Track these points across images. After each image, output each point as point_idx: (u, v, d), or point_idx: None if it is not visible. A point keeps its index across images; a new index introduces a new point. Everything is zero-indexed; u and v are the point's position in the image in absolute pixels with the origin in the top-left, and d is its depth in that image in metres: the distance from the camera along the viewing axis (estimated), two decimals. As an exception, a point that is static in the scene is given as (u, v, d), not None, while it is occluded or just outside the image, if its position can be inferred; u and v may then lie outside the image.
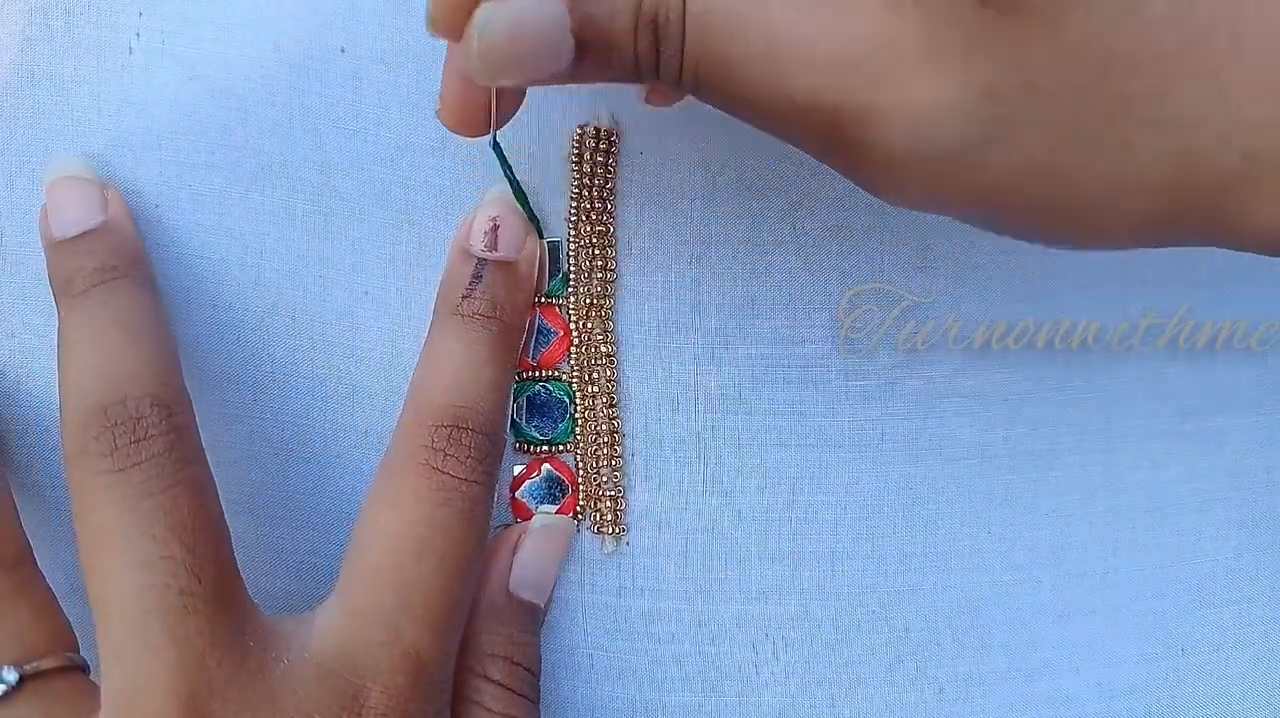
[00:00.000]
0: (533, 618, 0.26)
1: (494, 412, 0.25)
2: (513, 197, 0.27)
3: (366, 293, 0.27)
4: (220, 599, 0.22)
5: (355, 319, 0.27)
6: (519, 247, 0.26)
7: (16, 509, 0.25)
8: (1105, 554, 0.29)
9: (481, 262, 0.26)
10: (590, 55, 0.19)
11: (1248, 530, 0.29)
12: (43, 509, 0.27)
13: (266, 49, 0.27)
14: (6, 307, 0.27)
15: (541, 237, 0.27)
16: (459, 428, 0.24)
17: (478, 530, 0.24)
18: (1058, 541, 0.28)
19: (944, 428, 0.28)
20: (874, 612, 0.28)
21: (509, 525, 0.28)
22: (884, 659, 0.28)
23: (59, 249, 0.26)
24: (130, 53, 0.27)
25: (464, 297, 0.26)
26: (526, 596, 0.26)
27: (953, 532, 0.28)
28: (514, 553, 0.27)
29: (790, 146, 0.20)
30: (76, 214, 0.26)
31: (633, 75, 0.20)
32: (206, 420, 0.25)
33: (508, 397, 0.26)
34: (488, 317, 0.26)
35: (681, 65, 0.19)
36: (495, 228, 0.26)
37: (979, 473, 0.28)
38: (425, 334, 0.27)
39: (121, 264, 0.25)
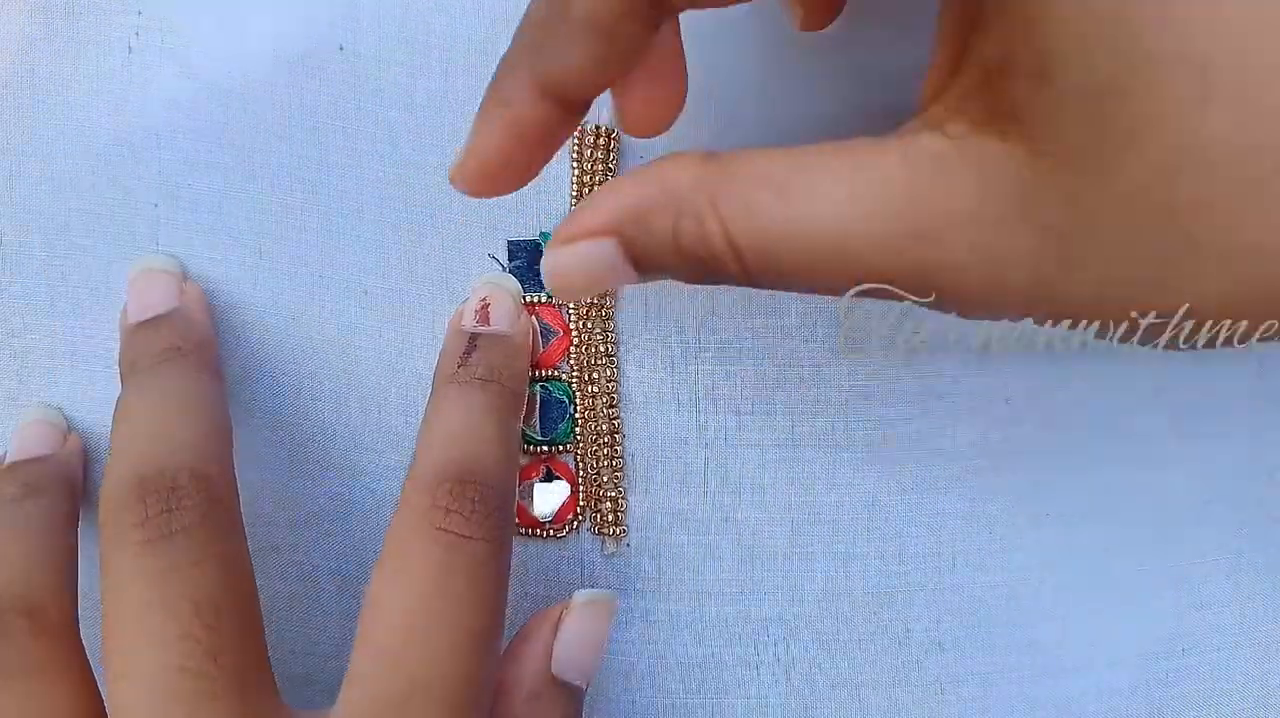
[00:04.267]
0: (576, 703, 0.25)
1: (500, 467, 0.24)
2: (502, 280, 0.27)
3: (366, 292, 0.27)
4: (241, 685, 0.21)
5: (355, 319, 0.27)
6: (511, 321, 0.26)
7: (76, 568, 0.24)
8: (1105, 555, 0.29)
9: (475, 335, 0.26)
10: (650, 270, 0.21)
11: (1248, 530, 0.29)
12: None
13: (266, 48, 0.27)
14: (7, 306, 0.27)
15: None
16: (463, 482, 0.23)
17: (492, 596, 0.23)
18: (1058, 541, 0.28)
19: (945, 428, 0.28)
20: (875, 612, 0.28)
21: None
22: (885, 659, 0.28)
23: (131, 333, 0.26)
24: (130, 52, 0.27)
25: (459, 365, 0.25)
26: (569, 678, 0.25)
27: (953, 532, 0.28)
28: (555, 632, 0.25)
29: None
30: (152, 300, 0.26)
31: (698, 280, 0.21)
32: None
33: (514, 457, 0.25)
34: (485, 379, 0.25)
35: (743, 273, 0.20)
36: (486, 306, 0.26)
37: (980, 473, 0.28)
38: (425, 334, 0.27)
39: (186, 345, 0.25)
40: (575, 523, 0.28)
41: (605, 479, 0.27)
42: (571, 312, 0.28)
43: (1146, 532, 0.29)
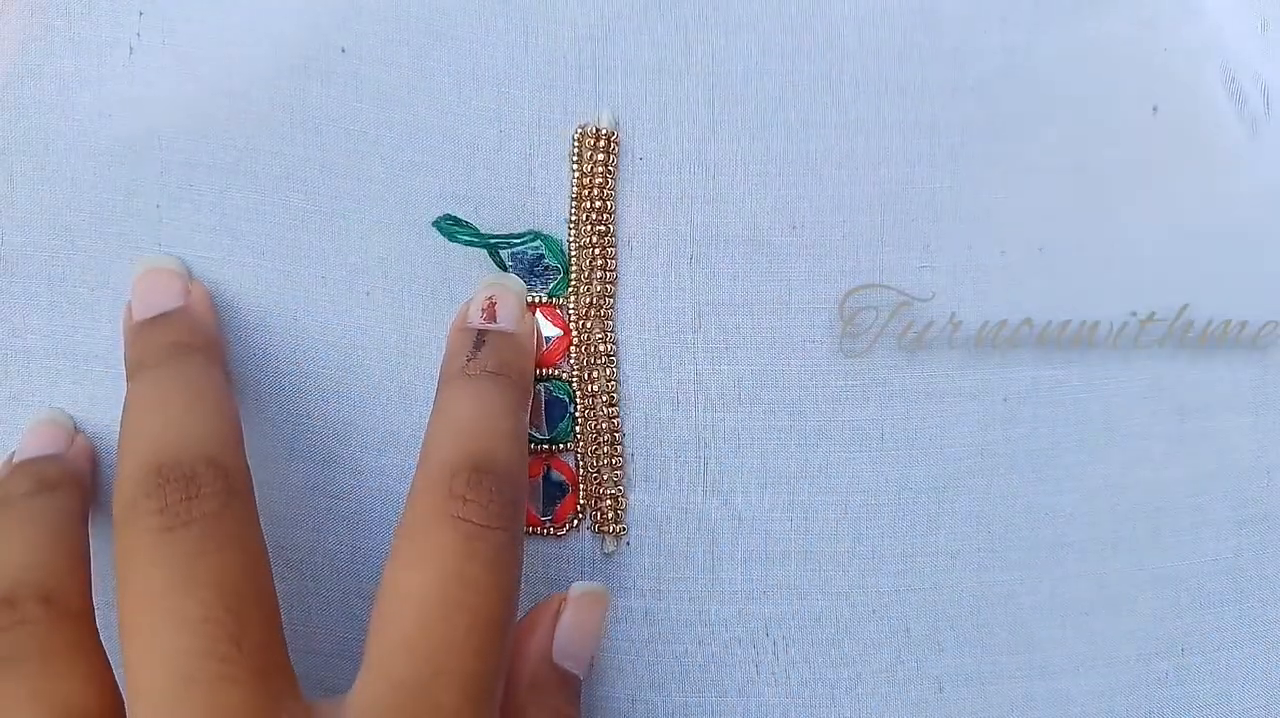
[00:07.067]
0: (575, 690, 0.26)
1: (513, 460, 0.24)
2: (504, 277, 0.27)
3: (367, 293, 0.27)
4: (262, 671, 0.21)
5: (356, 319, 0.27)
6: (517, 320, 0.26)
7: (90, 562, 0.24)
8: (1105, 554, 0.29)
9: (481, 332, 0.26)
10: None
11: (1248, 530, 0.29)
12: None
13: (267, 49, 0.27)
14: (7, 306, 0.27)
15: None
16: (478, 472, 0.23)
17: (507, 584, 0.23)
18: (1057, 540, 0.28)
19: (943, 427, 0.28)
20: (874, 611, 0.28)
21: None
22: (884, 658, 0.28)
23: (137, 330, 0.26)
24: (131, 52, 0.27)
25: (467, 360, 0.25)
26: (568, 666, 0.25)
27: (952, 531, 0.28)
28: (555, 623, 0.26)
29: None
30: (157, 299, 0.26)
31: None
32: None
33: (525, 451, 0.25)
34: (495, 373, 0.25)
35: None
36: (493, 304, 0.26)
37: (978, 472, 0.28)
38: (426, 335, 0.27)
39: (194, 342, 0.25)
40: (575, 522, 0.28)
41: (605, 478, 0.27)
42: (572, 311, 0.28)
43: (1145, 531, 0.29)
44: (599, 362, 0.28)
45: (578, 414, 0.28)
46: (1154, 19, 0.28)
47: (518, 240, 0.27)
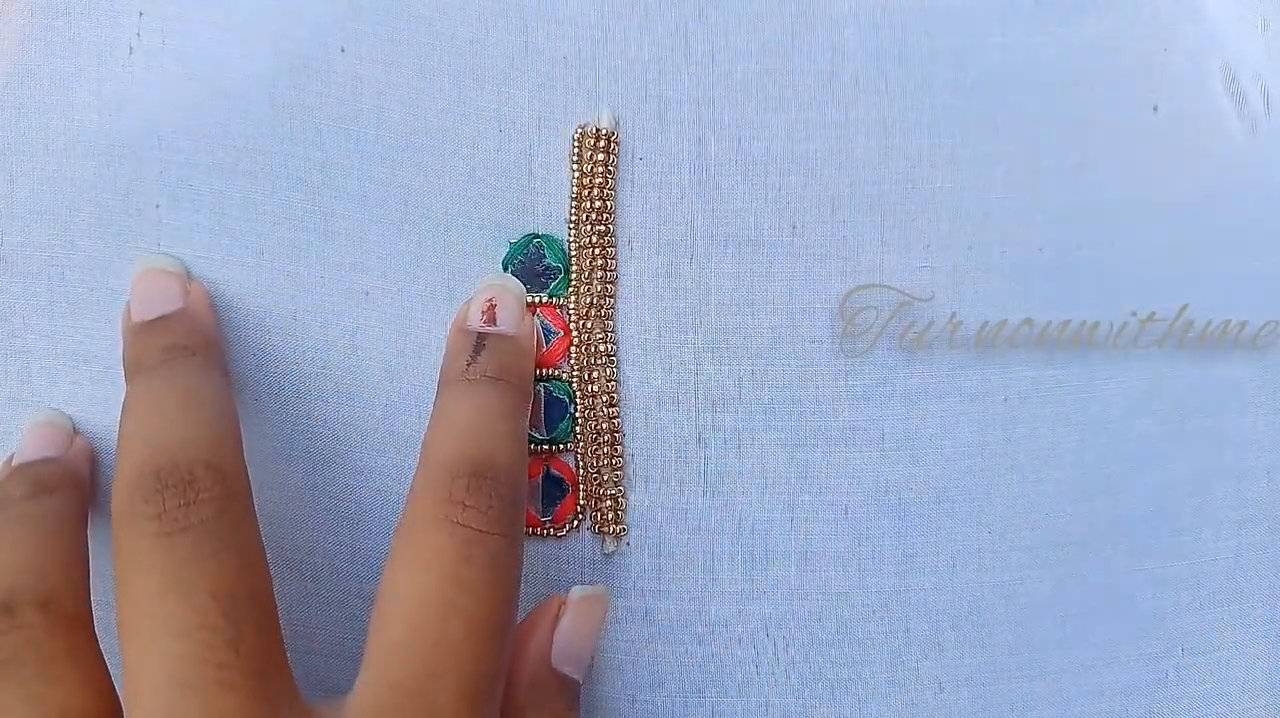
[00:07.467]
0: (575, 694, 0.26)
1: (512, 464, 0.24)
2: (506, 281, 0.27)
3: (367, 293, 0.27)
4: (260, 675, 0.21)
5: (355, 319, 0.27)
6: (517, 322, 0.27)
7: (89, 565, 0.24)
8: (1105, 554, 0.29)
9: (481, 335, 0.26)
10: None
11: (1248, 530, 0.29)
12: None
13: (266, 49, 0.27)
14: (7, 306, 0.27)
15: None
16: (477, 476, 0.23)
17: (505, 588, 0.23)
18: (1057, 540, 0.28)
19: (944, 427, 0.28)
20: (874, 611, 0.28)
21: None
22: (884, 658, 0.28)
23: (136, 332, 0.26)
24: (130, 52, 0.27)
25: (468, 364, 0.25)
26: (567, 670, 0.25)
27: (953, 531, 0.28)
28: (555, 625, 0.26)
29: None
30: (156, 300, 0.26)
31: None
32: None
33: (524, 454, 0.25)
34: (495, 378, 0.25)
35: None
36: (493, 307, 0.26)
37: (979, 473, 0.28)
38: (426, 335, 0.27)
39: (193, 344, 0.25)
40: (575, 522, 0.28)
41: (605, 478, 0.28)
42: (572, 311, 0.28)
43: (1146, 531, 0.29)
44: (599, 362, 0.28)
45: (578, 414, 0.28)
46: (1154, 19, 0.28)
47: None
